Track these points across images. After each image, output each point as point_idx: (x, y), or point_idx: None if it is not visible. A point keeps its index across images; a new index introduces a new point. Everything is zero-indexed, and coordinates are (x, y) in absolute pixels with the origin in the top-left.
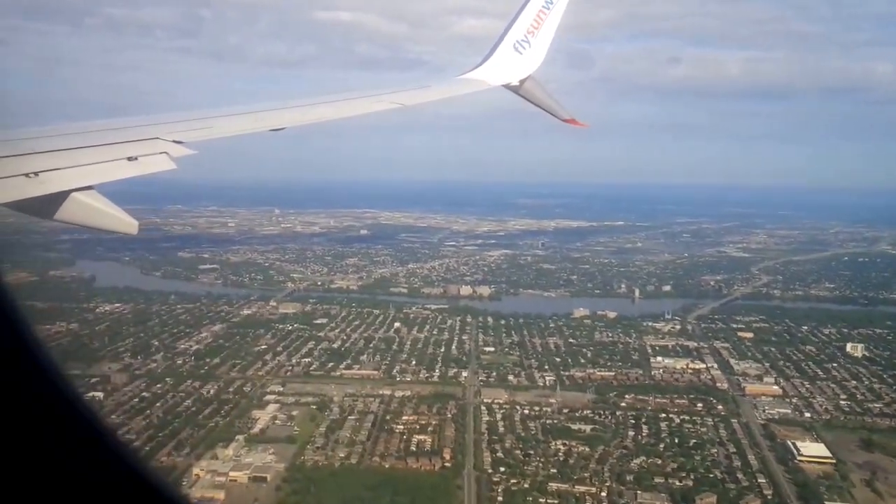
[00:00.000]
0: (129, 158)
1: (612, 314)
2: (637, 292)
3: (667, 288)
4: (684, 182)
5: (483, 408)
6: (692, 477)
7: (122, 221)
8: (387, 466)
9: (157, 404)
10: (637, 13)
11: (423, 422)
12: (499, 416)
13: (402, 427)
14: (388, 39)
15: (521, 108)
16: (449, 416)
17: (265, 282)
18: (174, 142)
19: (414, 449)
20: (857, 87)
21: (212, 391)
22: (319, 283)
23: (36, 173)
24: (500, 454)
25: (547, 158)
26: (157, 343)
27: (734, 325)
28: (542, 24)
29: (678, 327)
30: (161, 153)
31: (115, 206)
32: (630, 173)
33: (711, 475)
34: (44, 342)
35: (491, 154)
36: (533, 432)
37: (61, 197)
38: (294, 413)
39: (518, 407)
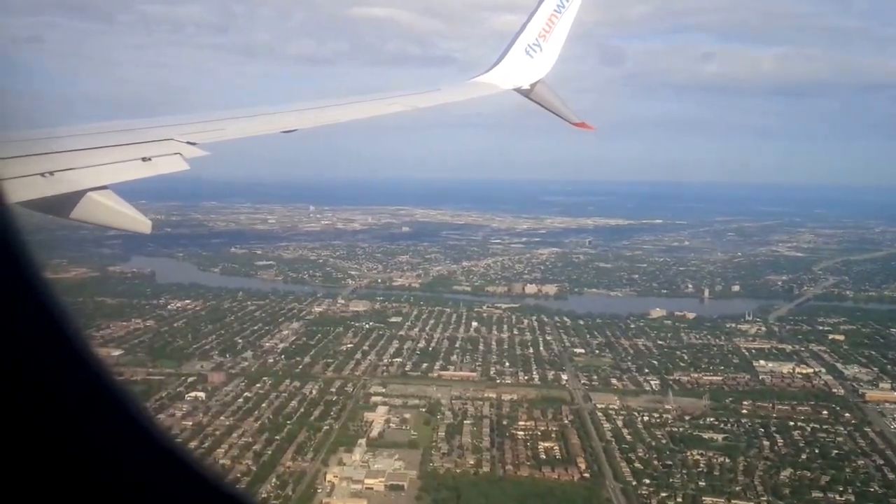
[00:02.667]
0: (144, 159)
1: (690, 315)
2: (706, 292)
3: (735, 288)
4: (710, 180)
5: (599, 414)
6: (850, 491)
7: (136, 220)
8: (524, 475)
9: (263, 405)
10: (672, 8)
11: (543, 428)
12: (619, 423)
13: (522, 433)
14: (420, 35)
15: (536, 106)
16: (566, 421)
17: (325, 279)
18: (187, 143)
19: (544, 457)
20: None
21: (314, 391)
22: (379, 281)
23: (52, 173)
24: (637, 464)
25: (566, 156)
26: (241, 341)
27: (821, 328)
28: (553, 28)
29: (763, 329)
30: (175, 154)
31: (130, 206)
32: (653, 171)
33: (871, 489)
34: (84, 334)
35: (508, 152)
36: (663, 441)
37: (77, 196)
38: (406, 416)
39: (636, 413)
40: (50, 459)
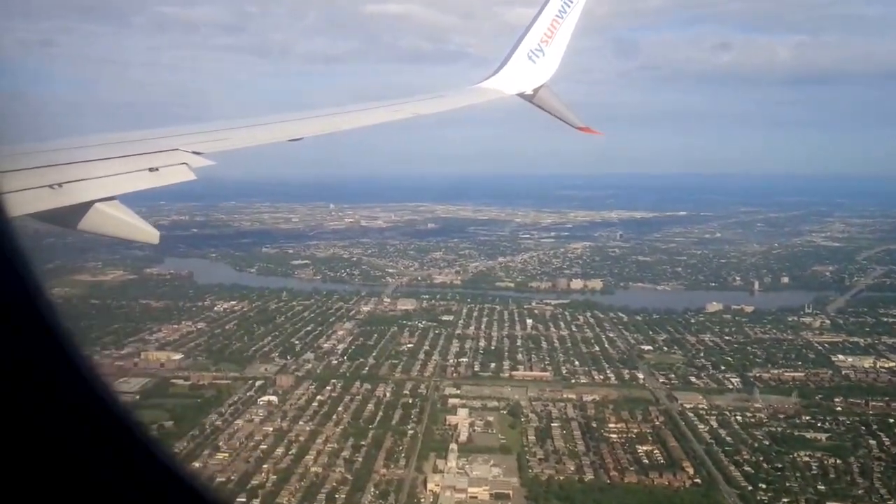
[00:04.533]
0: (151, 169)
1: (748, 308)
2: (756, 285)
3: (785, 280)
4: (724, 172)
5: (690, 414)
6: None
7: (144, 231)
8: (632, 482)
9: (340, 409)
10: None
11: (635, 430)
12: (714, 424)
13: (616, 436)
14: (435, 31)
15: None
16: (658, 423)
17: (364, 277)
18: (193, 153)
19: (646, 461)
20: None
21: (387, 394)
22: (419, 279)
23: (59, 184)
24: (746, 468)
25: (574, 150)
26: (298, 342)
27: (886, 320)
28: (555, 33)
29: (828, 322)
30: (181, 164)
31: (137, 217)
32: (665, 164)
33: None
34: (77, 340)
35: (515, 147)
36: (765, 442)
37: (85, 207)
38: (489, 419)
39: (727, 413)
40: (37, 462)
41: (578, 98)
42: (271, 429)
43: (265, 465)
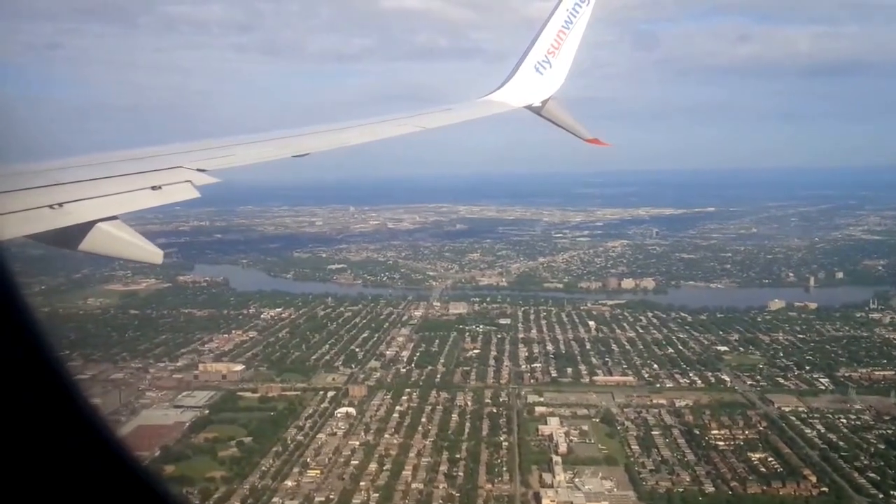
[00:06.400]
0: (153, 187)
1: (811, 305)
2: (812, 280)
3: (839, 275)
4: (739, 167)
5: (792, 418)
6: None
7: (147, 251)
8: (757, 493)
9: (423, 420)
10: None
11: (740, 436)
12: (820, 428)
13: (722, 443)
14: (451, 26)
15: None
16: (761, 428)
17: (405, 281)
18: (197, 170)
19: (763, 470)
20: None
21: (468, 403)
22: (463, 281)
23: (60, 204)
24: (870, 474)
25: (583, 147)
26: (358, 350)
27: None
28: (562, 45)
29: None
30: (184, 182)
31: (140, 236)
32: (682, 159)
33: None
34: (57, 347)
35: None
36: (880, 446)
37: (86, 227)
38: (584, 428)
39: (829, 415)
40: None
41: (593, 93)
42: (357, 443)
43: (362, 483)
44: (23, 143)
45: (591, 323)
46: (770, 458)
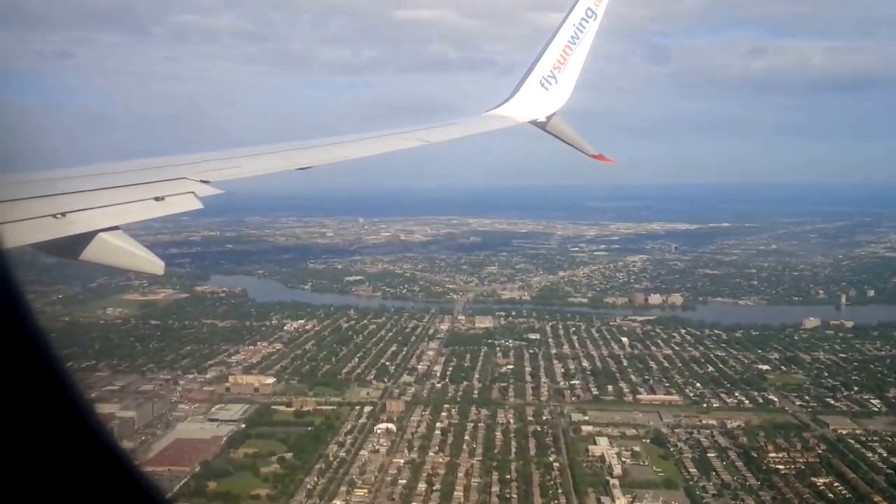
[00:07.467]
0: (157, 198)
1: (847, 323)
2: (843, 298)
3: (871, 293)
4: (747, 182)
5: (850, 441)
6: None
7: (149, 262)
8: None
9: (467, 437)
10: (724, 1)
11: (800, 459)
12: (882, 451)
13: (783, 467)
14: (463, 37)
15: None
16: (820, 451)
17: (425, 293)
18: (201, 181)
19: (831, 496)
20: None
21: (510, 420)
22: (484, 294)
23: (63, 214)
24: None
25: (586, 160)
26: (388, 364)
27: None
28: (567, 60)
29: None
30: (188, 193)
31: (142, 247)
32: (688, 174)
33: None
34: (58, 352)
35: (527, 158)
36: None
37: (88, 237)
38: (635, 449)
39: (888, 439)
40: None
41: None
42: (402, 461)
43: (413, 503)
44: (31, 151)
45: (624, 339)
46: (836, 484)
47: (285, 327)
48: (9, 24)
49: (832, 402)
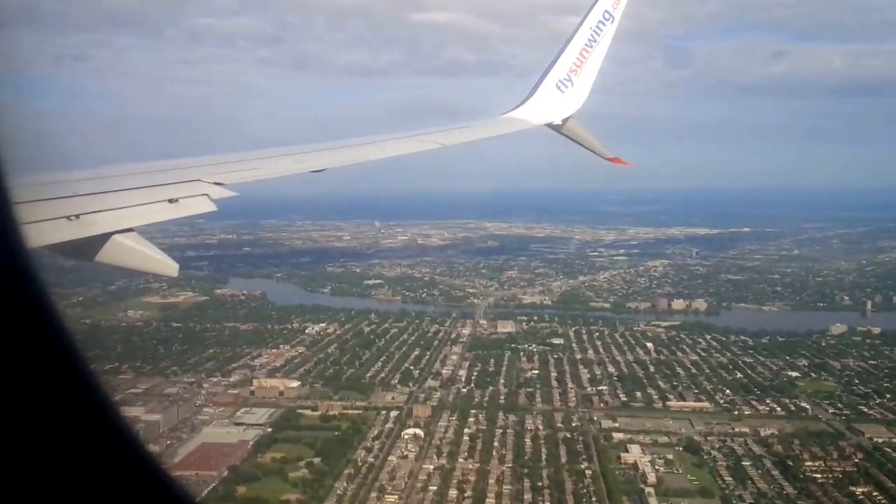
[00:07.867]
0: (171, 200)
1: (875, 330)
2: (869, 305)
3: None
4: (764, 185)
5: (888, 449)
6: None
7: (163, 264)
8: None
9: (496, 444)
10: (745, 4)
11: (837, 468)
12: None
13: (820, 476)
14: (479, 41)
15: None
16: (857, 460)
17: (446, 298)
18: (215, 183)
19: None
20: None
21: (539, 427)
22: (505, 299)
23: (77, 216)
24: None
25: (597, 163)
26: (412, 368)
27: None
28: (584, 63)
29: None
30: (202, 195)
31: (156, 249)
32: (713, 177)
33: None
34: (81, 347)
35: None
36: None
37: (102, 239)
38: (668, 457)
39: None
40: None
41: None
42: (432, 467)
43: None
44: (47, 153)
45: (649, 345)
46: (876, 493)
47: (307, 331)
48: (27, 28)
49: (865, 409)
